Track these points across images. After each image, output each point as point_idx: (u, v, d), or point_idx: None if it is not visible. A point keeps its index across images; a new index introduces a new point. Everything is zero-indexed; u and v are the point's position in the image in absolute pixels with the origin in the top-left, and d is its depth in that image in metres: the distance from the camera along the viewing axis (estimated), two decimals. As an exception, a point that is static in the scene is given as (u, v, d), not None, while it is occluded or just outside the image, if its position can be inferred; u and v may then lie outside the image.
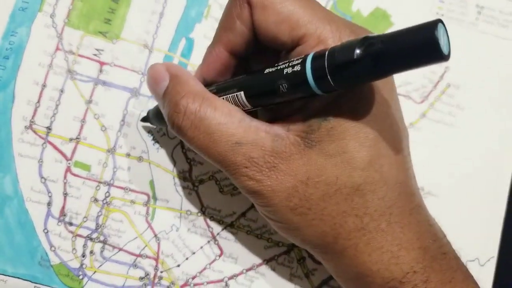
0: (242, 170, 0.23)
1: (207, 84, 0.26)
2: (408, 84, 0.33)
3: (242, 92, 0.24)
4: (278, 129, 0.23)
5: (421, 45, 0.18)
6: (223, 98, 0.25)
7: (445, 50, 0.17)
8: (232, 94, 0.24)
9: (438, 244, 0.23)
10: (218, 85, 0.26)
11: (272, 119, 0.25)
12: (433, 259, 0.23)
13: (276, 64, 0.23)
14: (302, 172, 0.23)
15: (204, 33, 0.33)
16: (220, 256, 0.31)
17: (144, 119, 0.31)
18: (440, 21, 0.17)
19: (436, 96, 0.33)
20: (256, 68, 0.24)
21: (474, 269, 0.31)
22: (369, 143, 0.22)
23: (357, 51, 0.19)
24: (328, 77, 0.20)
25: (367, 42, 0.19)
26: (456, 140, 0.33)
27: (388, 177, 0.23)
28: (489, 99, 0.33)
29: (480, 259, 0.32)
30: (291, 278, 0.31)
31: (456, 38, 0.33)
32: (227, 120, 0.23)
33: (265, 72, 0.23)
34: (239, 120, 0.23)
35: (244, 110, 0.25)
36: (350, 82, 0.20)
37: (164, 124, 0.27)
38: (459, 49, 0.33)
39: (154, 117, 0.30)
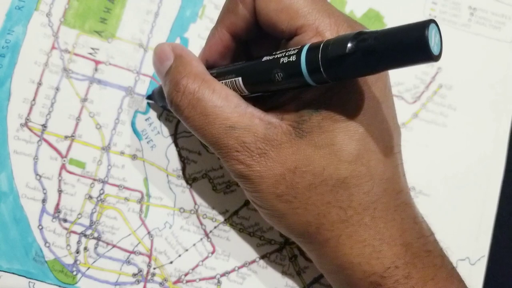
0: (233, 154, 0.24)
1: (209, 67, 0.27)
2: (400, 85, 0.33)
3: (240, 78, 0.24)
4: (272, 118, 0.24)
5: (411, 44, 0.18)
6: (222, 83, 0.25)
7: (435, 50, 0.17)
8: (231, 79, 0.25)
9: (422, 241, 0.24)
10: (218, 69, 0.26)
11: (269, 107, 0.25)
12: (416, 256, 0.23)
13: (274, 53, 0.23)
14: (291, 161, 0.23)
15: (199, 33, 0.33)
16: (212, 253, 0.31)
17: (149, 97, 0.32)
18: (432, 21, 0.17)
19: (428, 96, 0.33)
20: (256, 54, 0.24)
21: (465, 268, 0.32)
22: (358, 136, 0.22)
23: (349, 45, 0.19)
24: (321, 69, 0.20)
25: (360, 37, 0.19)
26: (448, 140, 0.33)
27: (374, 172, 0.23)
28: (481, 100, 0.33)
29: (471, 258, 0.32)
30: (283, 275, 0.31)
31: (448, 39, 0.34)
32: (223, 104, 0.24)
33: (262, 60, 0.23)
34: (235, 105, 0.24)
35: (242, 96, 0.25)
36: (342, 75, 0.20)
37: (166, 103, 0.28)
38: (451, 50, 0.33)
39: (158, 95, 0.30)
